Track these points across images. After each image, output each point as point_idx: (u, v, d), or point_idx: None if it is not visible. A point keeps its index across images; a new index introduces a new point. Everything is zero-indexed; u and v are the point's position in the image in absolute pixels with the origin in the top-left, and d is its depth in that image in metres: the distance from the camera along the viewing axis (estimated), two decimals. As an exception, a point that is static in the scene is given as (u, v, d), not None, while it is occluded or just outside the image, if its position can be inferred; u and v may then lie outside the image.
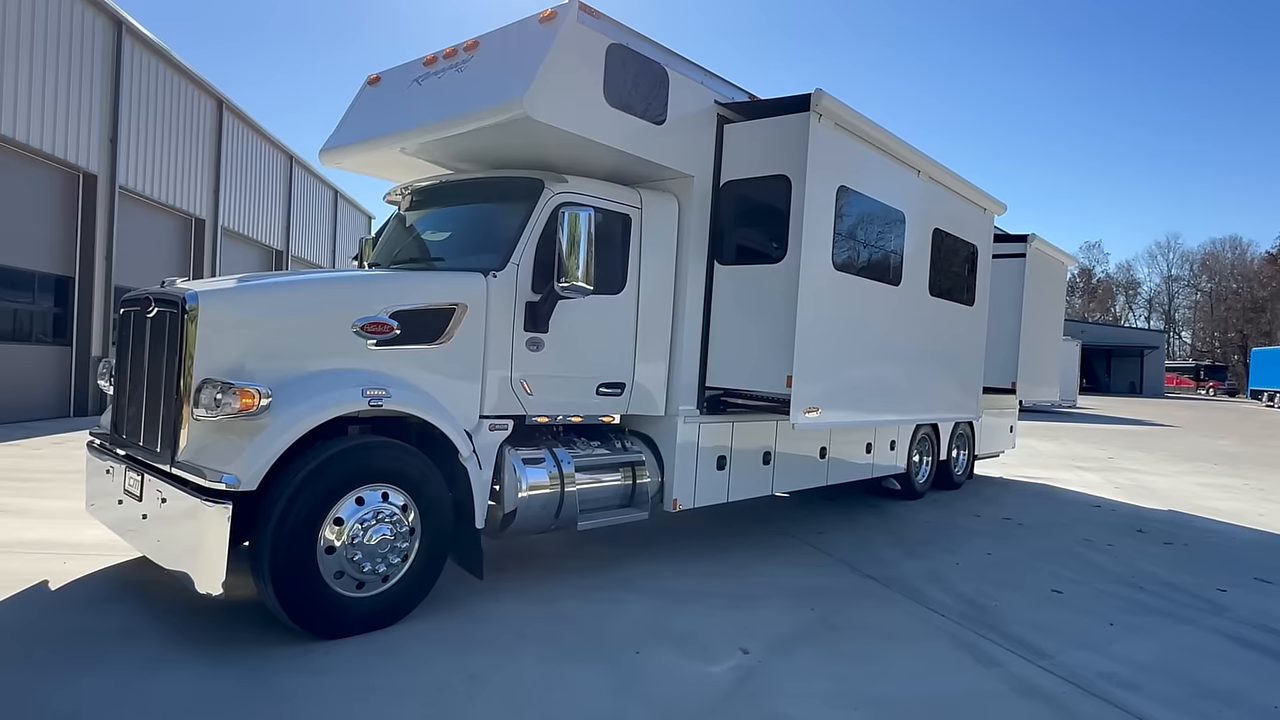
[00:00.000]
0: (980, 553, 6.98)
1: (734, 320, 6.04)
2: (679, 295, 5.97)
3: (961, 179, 7.76)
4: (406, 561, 4.34)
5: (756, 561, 6.19)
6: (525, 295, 5.05)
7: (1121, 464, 14.65)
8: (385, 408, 4.23)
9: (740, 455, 6.47)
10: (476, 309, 4.84)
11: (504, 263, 5.01)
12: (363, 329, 4.39)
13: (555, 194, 5.23)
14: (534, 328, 5.08)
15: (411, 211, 6.13)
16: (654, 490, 5.93)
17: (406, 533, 4.31)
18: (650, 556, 6.10)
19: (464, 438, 4.61)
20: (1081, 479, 12.20)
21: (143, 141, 15.94)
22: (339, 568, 4.03)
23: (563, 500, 5.24)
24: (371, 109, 6.13)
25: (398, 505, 4.27)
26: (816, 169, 5.67)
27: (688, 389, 6.02)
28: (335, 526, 4.01)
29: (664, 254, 5.88)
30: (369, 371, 4.36)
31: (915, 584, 5.85)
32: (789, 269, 5.72)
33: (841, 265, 6.13)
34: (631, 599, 5.11)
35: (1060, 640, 4.78)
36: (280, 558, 3.80)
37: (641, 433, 6.10)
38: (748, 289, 5.98)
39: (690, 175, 5.90)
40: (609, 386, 5.63)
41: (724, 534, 6.96)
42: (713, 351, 6.11)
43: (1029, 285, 10.33)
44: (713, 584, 5.54)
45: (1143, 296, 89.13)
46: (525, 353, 5.08)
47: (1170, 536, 8.11)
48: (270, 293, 4.42)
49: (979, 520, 8.46)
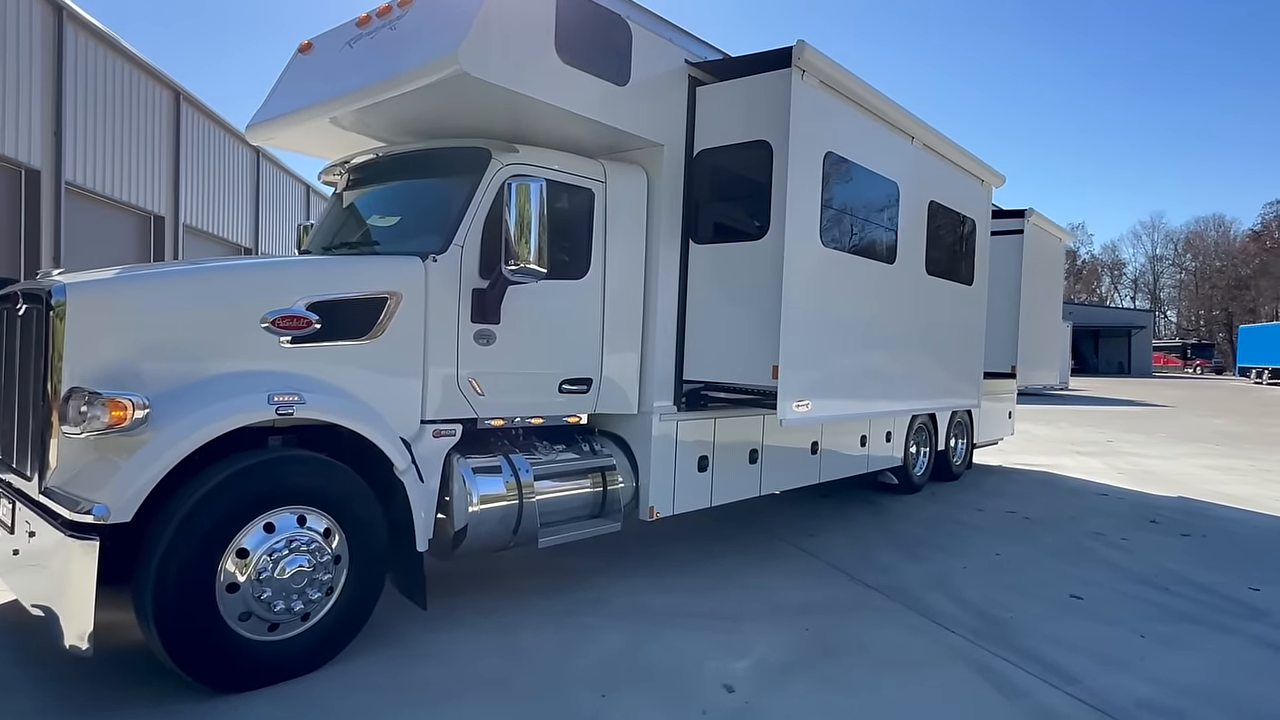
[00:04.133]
0: (987, 553, 6.41)
1: (713, 305, 5.42)
2: (650, 279, 5.34)
3: (958, 147, 7.16)
4: (332, 595, 3.70)
5: (743, 571, 5.59)
6: (472, 282, 4.41)
7: (1121, 447, 14.17)
8: (298, 416, 3.58)
9: (724, 454, 5.86)
10: (413, 298, 4.20)
11: (445, 245, 4.37)
12: (274, 324, 3.73)
13: (504, 165, 4.59)
14: (483, 318, 4.44)
15: (349, 191, 5.47)
16: (628, 497, 5.31)
17: (330, 562, 3.66)
18: (625, 569, 5.49)
19: (399, 447, 3.97)
20: (1083, 465, 11.68)
21: (91, 135, 15.12)
22: (244, 608, 3.39)
23: (521, 513, 4.61)
24: (302, 78, 5.43)
25: (318, 530, 3.63)
26: (800, 133, 5.04)
27: (663, 383, 5.40)
28: (238, 559, 3.37)
29: (632, 233, 5.25)
30: (281, 374, 3.71)
31: (919, 593, 5.27)
32: (772, 247, 5.10)
33: (830, 242, 5.52)
34: (602, 624, 4.49)
35: (1088, 659, 4.20)
36: (167, 601, 3.15)
37: (613, 433, 5.48)
38: (727, 270, 5.36)
39: (659, 144, 5.26)
40: (574, 383, 5.00)
41: (707, 539, 6.36)
42: (690, 341, 5.49)
43: (1027, 263, 9.77)
44: (695, 600, 4.94)
45: (1128, 277, 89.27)
46: (474, 347, 4.45)
47: (1186, 527, 7.58)
48: (157, 283, 3.75)
49: (982, 515, 7.90)
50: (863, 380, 6.11)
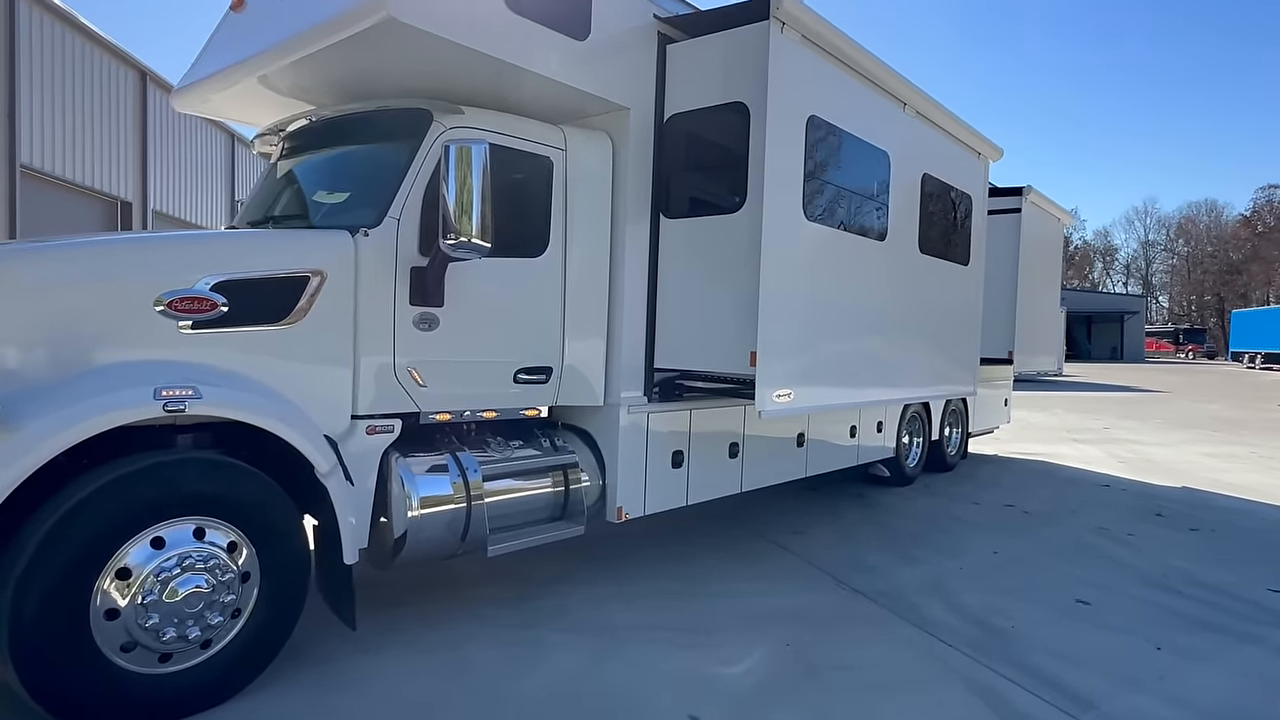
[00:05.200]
0: (985, 552, 5.97)
1: (686, 286, 4.93)
2: (617, 257, 4.85)
3: (953, 116, 6.67)
4: (239, 618, 3.22)
5: (719, 575, 5.14)
6: (410, 260, 3.92)
7: (1119, 434, 13.79)
8: (193, 412, 3.09)
9: (701, 449, 5.39)
10: (340, 277, 3.70)
11: (379, 218, 3.87)
12: (171, 307, 3.23)
13: (447, 129, 4.08)
14: (423, 300, 3.95)
15: (283, 161, 4.92)
16: (593, 498, 4.84)
17: (235, 580, 3.18)
18: (589, 574, 5.03)
19: (322, 446, 3.48)
20: (1081, 453, 11.28)
21: (48, 115, 14.47)
22: (127, 638, 2.90)
23: (470, 517, 4.14)
24: (232, 37, 4.88)
25: (220, 544, 3.14)
26: (781, 94, 4.55)
27: (632, 372, 4.92)
28: (118, 581, 2.88)
29: (596, 206, 4.75)
30: (179, 364, 3.21)
31: (913, 599, 4.83)
32: (750, 220, 4.61)
33: (814, 216, 5.03)
34: (558, 639, 4.03)
35: (1101, 676, 3.77)
36: (26, 632, 2.67)
37: (577, 427, 5.00)
38: (701, 246, 4.87)
39: (625, 108, 4.75)
40: (531, 372, 4.51)
41: (681, 537, 5.90)
42: (662, 325, 5.00)
43: (1025, 244, 9.30)
44: (664, 611, 4.48)
45: (1120, 262, 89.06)
46: (413, 333, 3.95)
47: (1194, 520, 7.17)
48: (26, 260, 3.23)
49: (978, 509, 7.47)
50: (850, 368, 5.64)
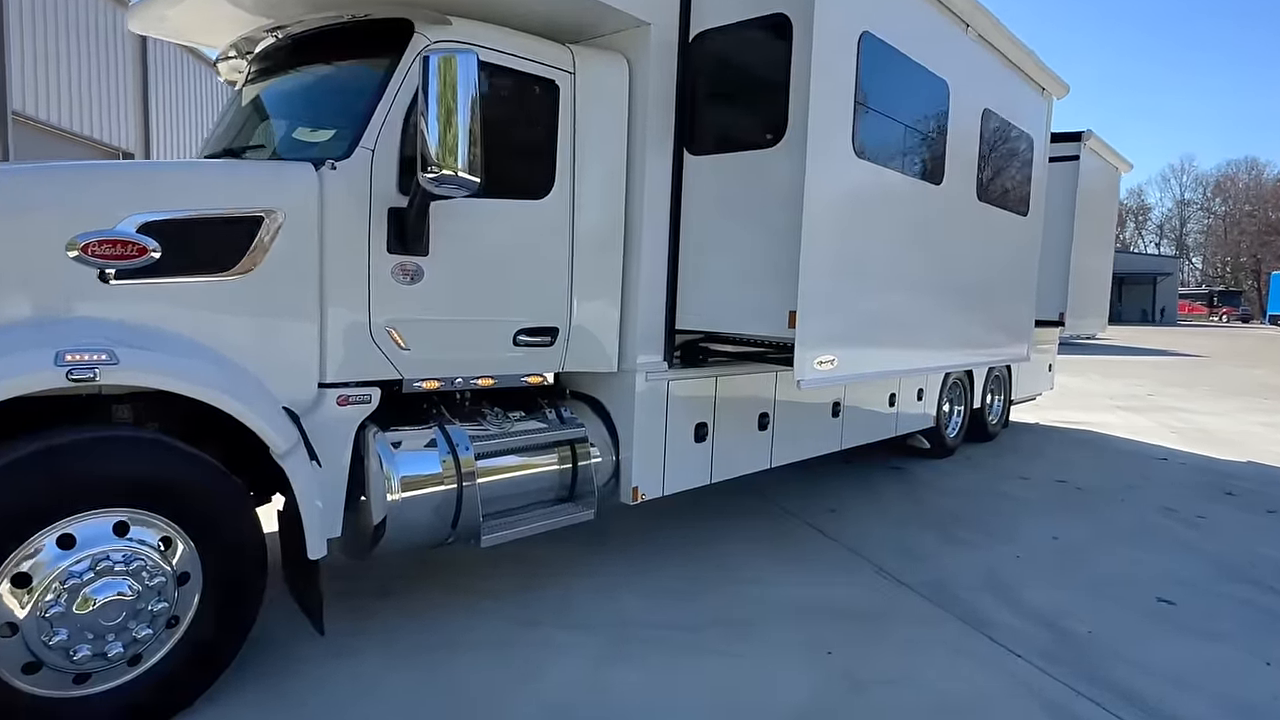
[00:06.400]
0: (1043, 536, 5.35)
1: (714, 233, 4.26)
2: (634, 200, 4.18)
3: (1019, 44, 5.84)
4: (177, 627, 2.69)
5: (747, 562, 4.56)
6: (388, 198, 3.29)
7: (1165, 402, 13.01)
8: (107, 380, 2.51)
9: (727, 421, 4.78)
10: (301, 219, 3.08)
11: (349, 148, 3.23)
12: (87, 251, 2.63)
13: (432, 42, 3.40)
14: (404, 247, 3.33)
15: (251, 86, 4.26)
16: (605, 477, 4.26)
17: (168, 583, 2.64)
18: (601, 561, 4.48)
19: (278, 421, 2.90)
20: (1129, 423, 10.55)
21: (41, 61, 13.83)
22: (30, 656, 2.38)
23: (460, 501, 3.57)
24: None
25: (149, 541, 2.59)
26: (829, 3, 3.81)
27: (650, 334, 4.29)
28: (14, 589, 2.35)
29: (610, 140, 4.07)
30: (98, 321, 2.63)
31: (967, 594, 4.23)
32: (790, 156, 3.91)
33: (865, 152, 4.31)
34: (563, 638, 3.49)
35: (1208, 701, 3.16)
36: (-109, 656, 2.15)
37: (587, 396, 4.41)
38: (733, 187, 4.18)
39: (645, 23, 4.04)
40: (533, 333, 3.90)
41: (702, 517, 5.33)
42: (685, 279, 4.35)
43: (1083, 195, 8.48)
44: (683, 604, 3.92)
45: (1153, 222, 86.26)
46: (392, 286, 3.34)
47: (1270, 500, 6.49)
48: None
49: (1028, 485, 6.83)
50: (900, 330, 4.96)
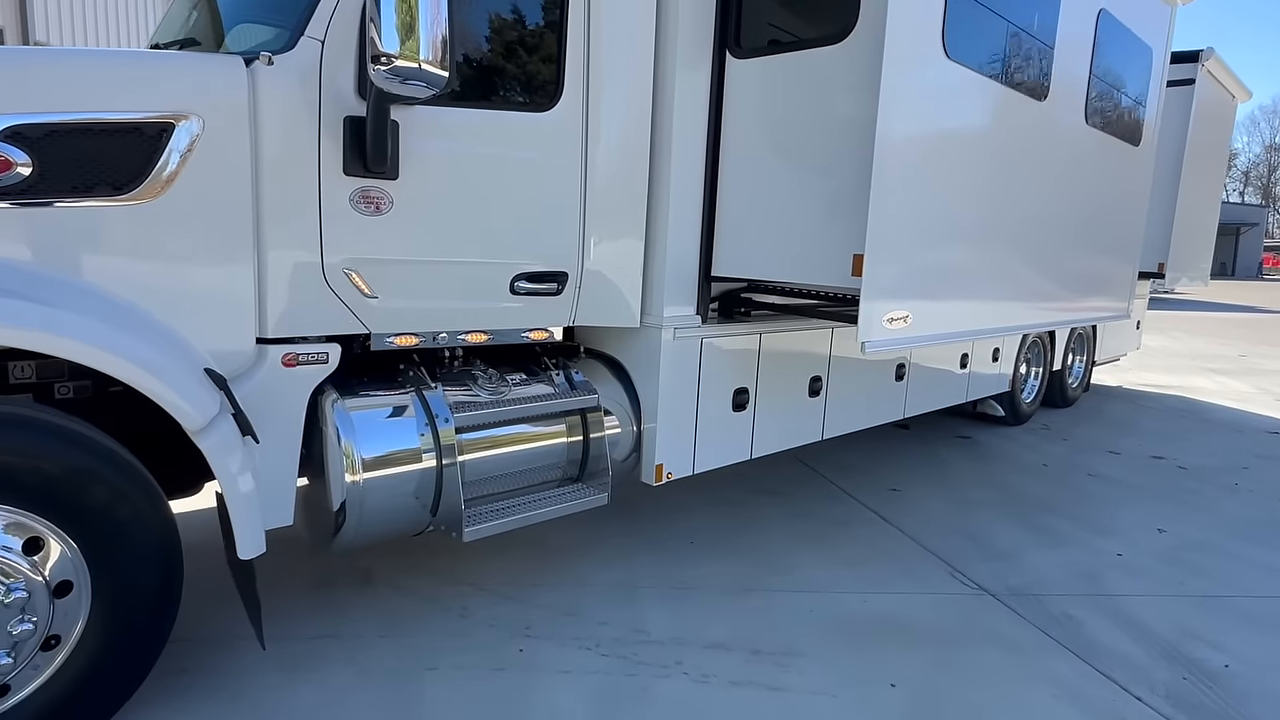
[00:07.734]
0: (1146, 529, 4.51)
1: (759, 158, 3.44)
2: (663, 115, 3.37)
3: (1146, -72, 4.76)
4: (57, 649, 2.11)
5: (793, 559, 3.85)
6: (344, 104, 2.56)
7: (1261, 364, 11.73)
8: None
9: (773, 386, 4.03)
10: (227, 127, 2.38)
11: (293, 38, 2.51)
12: (-70, 164, 1.99)
13: (400, -100, 2.62)
14: (365, 168, 2.61)
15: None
16: (623, 452, 3.57)
17: (39, 596, 2.05)
18: (618, 551, 3.83)
19: (190, 386, 2.26)
20: (1226, 388, 9.43)
21: (64, -10, 13.27)
22: None
23: (440, 483, 2.93)
24: None
25: (10, 545, 2.00)
26: None
27: (681, 281, 3.53)
28: None
29: (633, 40, 3.26)
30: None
31: (1064, 606, 3.46)
32: (862, 54, 3.05)
33: (957, 54, 3.40)
34: (565, 659, 2.85)
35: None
36: None
37: (604, 355, 3.70)
38: (786, 98, 3.34)
39: (680, -117, 3.18)
40: (536, 279, 3.17)
41: (739, 496, 4.63)
42: (724, 215, 3.56)
43: (1195, 125, 7.27)
44: (715, 614, 3.25)
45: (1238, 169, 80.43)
46: (352, 217, 2.65)
47: None
48: None
49: (1119, 462, 5.94)
50: (988, 280, 4.08)
